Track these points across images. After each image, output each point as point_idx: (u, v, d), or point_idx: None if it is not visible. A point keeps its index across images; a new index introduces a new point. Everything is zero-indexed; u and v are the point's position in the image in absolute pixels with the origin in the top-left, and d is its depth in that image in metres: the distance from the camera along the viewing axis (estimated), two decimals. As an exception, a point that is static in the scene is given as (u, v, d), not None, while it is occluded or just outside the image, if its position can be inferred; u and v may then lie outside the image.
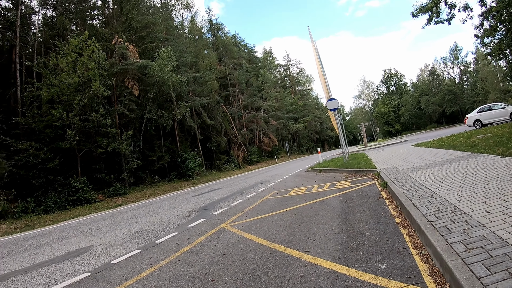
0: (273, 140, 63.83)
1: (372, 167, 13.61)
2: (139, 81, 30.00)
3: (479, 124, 27.39)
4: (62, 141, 22.54)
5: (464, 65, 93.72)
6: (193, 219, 10.00)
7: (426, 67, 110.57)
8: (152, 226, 10.11)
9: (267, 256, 5.23)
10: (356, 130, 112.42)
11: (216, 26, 63.41)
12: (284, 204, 9.91)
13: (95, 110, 24.70)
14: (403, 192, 7.01)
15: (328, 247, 5.13)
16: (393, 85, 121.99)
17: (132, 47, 29.35)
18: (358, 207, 7.53)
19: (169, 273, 5.27)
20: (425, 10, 18.55)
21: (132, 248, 7.52)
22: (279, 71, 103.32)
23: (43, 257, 8.20)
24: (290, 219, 7.61)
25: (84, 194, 22.70)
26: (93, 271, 6.16)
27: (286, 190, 13.19)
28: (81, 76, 23.27)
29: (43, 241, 11.02)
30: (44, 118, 22.52)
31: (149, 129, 31.39)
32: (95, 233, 10.87)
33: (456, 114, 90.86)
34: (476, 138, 15.22)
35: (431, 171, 9.06)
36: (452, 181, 7.00)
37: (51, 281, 5.93)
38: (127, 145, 26.31)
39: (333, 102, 18.24)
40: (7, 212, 19.18)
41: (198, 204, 13.86)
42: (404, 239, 4.82)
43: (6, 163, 20.15)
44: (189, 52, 39.85)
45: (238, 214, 9.61)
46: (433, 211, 5.14)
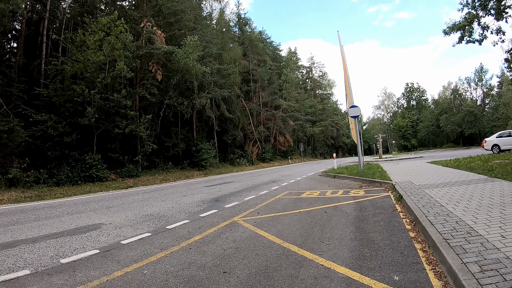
0: (289, 140, 63.65)
1: (387, 179, 13.56)
2: (163, 66, 30.05)
3: (497, 149, 27.19)
4: (81, 117, 22.69)
5: (488, 88, 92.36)
6: (204, 209, 9.98)
7: (449, 85, 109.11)
8: (163, 211, 10.11)
9: (280, 255, 5.16)
10: (371, 140, 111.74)
11: (244, 20, 63.40)
12: (297, 205, 9.85)
13: (117, 90, 24.82)
14: (418, 208, 6.99)
15: (342, 253, 5.06)
16: (414, 100, 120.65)
17: (159, 32, 29.40)
18: (372, 217, 7.47)
19: (180, 260, 5.21)
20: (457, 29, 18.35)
21: (142, 230, 7.50)
22: (301, 72, 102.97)
23: (52, 229, 8.24)
24: (303, 221, 7.55)
25: (97, 171, 22.86)
26: (102, 249, 6.14)
27: (299, 192, 13.13)
28: (106, 55, 23.41)
29: (53, 213, 11.10)
30: (66, 93, 22.69)
31: (168, 115, 31.51)
32: (105, 211, 10.92)
33: (474, 136, 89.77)
34: (494, 163, 15.09)
35: (447, 190, 9.03)
36: (468, 203, 6.98)
37: (59, 254, 5.91)
38: (144, 128, 26.39)
39: (355, 109, 18.14)
40: (19, 180, 19.40)
41: (210, 195, 13.85)
42: (418, 253, 4.76)
43: (24, 132, 20.36)
44: (215, 43, 39.80)
45: (251, 209, 9.55)
46: (449, 230, 5.13)
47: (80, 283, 4.41)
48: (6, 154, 20.23)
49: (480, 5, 18.10)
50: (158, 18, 31.62)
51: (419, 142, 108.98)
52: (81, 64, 22.67)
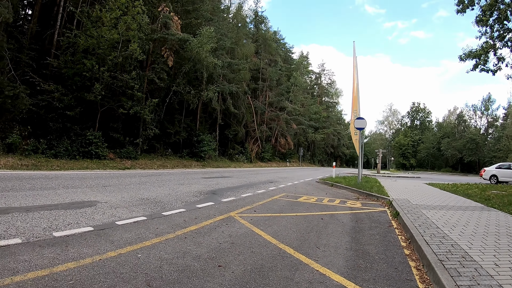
0: (290, 143, 63.68)
1: (384, 194, 13.61)
2: (176, 53, 29.92)
3: (494, 179, 27.48)
4: (88, 93, 22.52)
5: (493, 118, 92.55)
6: (201, 200, 9.96)
7: (455, 109, 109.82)
8: (160, 197, 10.07)
9: (276, 255, 5.13)
10: (370, 154, 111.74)
11: (261, 18, 63.49)
12: (294, 208, 9.85)
13: (126, 70, 24.73)
14: (415, 226, 7.11)
15: (337, 261, 5.06)
16: (418, 120, 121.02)
17: (176, 19, 29.28)
18: (368, 229, 7.48)
19: (175, 248, 5.17)
20: (473, 56, 18.38)
21: (138, 214, 7.46)
22: (310, 77, 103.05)
23: (46, 200, 8.18)
24: (300, 225, 7.55)
25: (96, 148, 22.72)
26: (96, 227, 6.09)
27: (296, 195, 13.15)
28: (120, 34, 23.27)
29: (49, 185, 11.04)
30: (76, 66, 22.48)
31: (173, 102, 31.44)
32: (101, 189, 10.86)
33: (473, 164, 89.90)
34: (491, 193, 15.36)
35: (444, 213, 9.19)
36: (464, 228, 7.13)
37: (52, 226, 5.86)
38: (149, 111, 26.30)
39: (361, 121, 18.09)
40: (17, 147, 19.28)
41: (207, 187, 13.83)
42: (412, 271, 4.79)
43: (28, 100, 20.27)
44: (229, 37, 39.73)
45: (248, 206, 9.54)
46: (444, 252, 5.25)
47: (72, 259, 4.35)
48: (8, 120, 20.18)
49: (498, 36, 18.12)
50: (176, 4, 31.54)
51: (418, 163, 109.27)
52: (95, 40, 22.52)
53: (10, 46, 20.90)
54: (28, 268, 3.94)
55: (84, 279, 3.74)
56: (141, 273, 4.04)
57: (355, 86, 19.94)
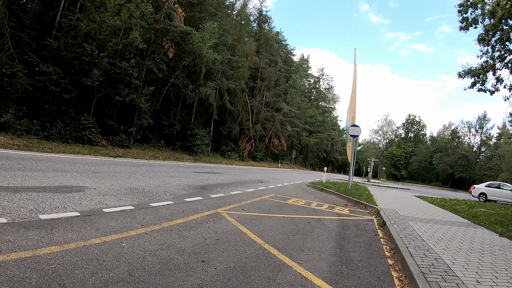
0: (283, 144, 63.64)
1: (373, 203, 13.69)
2: (177, 45, 29.84)
3: (483, 197, 27.80)
4: (85, 78, 22.36)
5: (487, 136, 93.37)
6: (190, 194, 9.96)
7: (449, 125, 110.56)
8: (149, 188, 10.05)
9: (260, 255, 5.16)
10: (362, 162, 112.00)
11: (264, 18, 63.35)
12: (282, 209, 9.88)
13: (126, 58, 24.59)
14: (400, 237, 7.16)
15: (320, 265, 5.10)
16: (412, 132, 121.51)
17: (180, 11, 29.21)
18: (354, 237, 7.52)
19: (160, 240, 5.17)
20: (473, 75, 18.44)
21: (125, 202, 7.45)
22: (309, 80, 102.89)
23: (35, 182, 8.15)
24: (286, 226, 7.58)
25: (89, 134, 22.59)
26: (83, 212, 6.08)
27: (285, 197, 13.18)
28: (123, 22, 23.19)
29: (39, 166, 10.98)
30: (76, 50, 22.33)
31: (170, 94, 31.30)
32: (91, 175, 10.82)
33: (463, 181, 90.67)
34: (479, 210, 15.54)
35: (430, 226, 9.30)
36: (449, 243, 7.20)
37: (39, 209, 5.84)
38: (145, 100, 26.20)
39: (356, 129, 18.15)
40: (10, 126, 19.13)
41: (197, 181, 13.82)
42: (394, 281, 4.85)
43: (25, 79, 20.13)
44: (231, 34, 39.63)
45: (236, 204, 9.55)
46: (427, 265, 5.31)
47: (56, 242, 4.36)
48: (3, 98, 20.02)
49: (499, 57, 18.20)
50: (181, -5, 31.46)
51: (409, 174, 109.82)
52: (97, 24, 22.37)
53: (11, 24, 20.66)
54: (11, 248, 3.94)
55: (67, 263, 3.75)
56: (124, 262, 4.05)
57: (354, 94, 19.98)
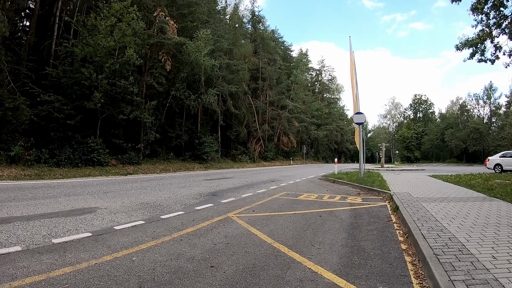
0: (292, 141, 63.65)
1: (386, 188, 13.53)
2: (173, 57, 30.06)
3: (499, 168, 27.13)
4: (87, 101, 22.67)
5: (496, 106, 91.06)
6: (201, 202, 10.02)
7: (457, 100, 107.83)
8: (160, 201, 10.15)
9: (269, 254, 5.17)
10: (375, 149, 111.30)
11: (258, 18, 63.43)
12: (293, 206, 9.88)
13: (124, 76, 24.81)
14: (413, 220, 6.98)
15: (331, 258, 5.05)
16: (421, 112, 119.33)
17: (172, 23, 29.38)
18: (366, 225, 7.45)
19: (170, 250, 5.24)
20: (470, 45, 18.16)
21: (136, 218, 7.55)
22: (311, 74, 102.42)
23: (47, 209, 8.28)
24: (297, 223, 7.57)
25: (98, 155, 22.88)
26: (94, 232, 6.18)
27: (297, 193, 13.16)
28: (116, 41, 23.41)
29: (50, 193, 11.14)
30: (74, 75, 22.66)
31: (173, 106, 31.54)
32: (102, 196, 10.96)
33: (477, 154, 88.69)
34: (494, 182, 15.07)
35: (444, 205, 9.02)
36: (464, 220, 6.96)
37: (52, 234, 5.96)
38: (149, 114, 26.41)
39: (360, 116, 18.09)
40: (20, 158, 19.43)
41: (208, 188, 13.91)
42: (407, 266, 4.72)
43: (29, 110, 20.39)
44: (226, 38, 39.70)
45: (247, 206, 9.58)
46: (441, 245, 5.09)
47: (69, 264, 4.44)
48: (9, 131, 20.32)
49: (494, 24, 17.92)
50: (171, 8, 31.65)
51: (422, 155, 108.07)
52: (91, 48, 22.70)
53: (8, 58, 21.08)
54: (26, 273, 4.05)
55: (79, 282, 3.84)
56: (134, 276, 4.12)
57: (353, 81, 19.89)
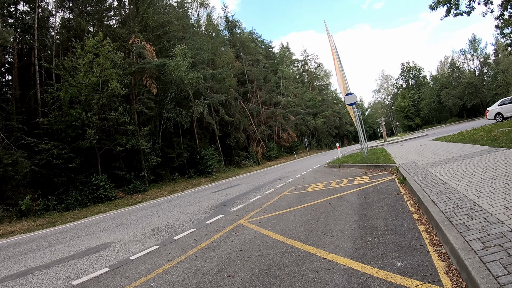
0: (292, 135, 63.52)
1: (391, 162, 13.48)
2: (157, 79, 30.15)
3: (500, 117, 26.36)
4: (83, 141, 22.81)
5: (484, 57, 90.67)
6: (211, 215, 10.03)
7: (445, 59, 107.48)
8: (171, 222, 10.17)
9: (283, 252, 5.19)
10: (375, 125, 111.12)
11: (233, 23, 63.25)
12: (302, 200, 9.85)
13: (113, 108, 24.89)
14: (421, 188, 6.88)
15: (345, 244, 5.06)
16: (412, 79, 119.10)
17: (149, 46, 29.46)
18: (376, 203, 7.43)
19: (186, 269, 5.28)
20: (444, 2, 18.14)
21: (150, 244, 7.57)
22: (297, 66, 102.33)
23: (63, 253, 8.31)
24: (307, 215, 7.57)
25: (104, 191, 22.97)
26: (112, 266, 6.23)
27: (305, 186, 13.13)
28: (98, 76, 23.52)
29: (64, 238, 11.17)
30: (65, 118, 22.82)
31: (168, 127, 31.60)
32: (115, 229, 10.99)
33: (476, 108, 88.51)
34: (497, 132, 14.91)
35: (450, 166, 8.87)
36: (471, 177, 6.82)
37: (71, 276, 6.01)
38: (145, 141, 26.51)
39: (351, 96, 18.04)
40: (29, 210, 19.53)
41: (216, 200, 13.91)
42: (422, 236, 4.71)
43: (28, 162, 20.47)
44: (205, 49, 39.36)
45: (256, 210, 9.59)
46: (452, 207, 5.00)
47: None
48: (14, 186, 20.39)
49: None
50: (146, 32, 31.68)
51: (423, 120, 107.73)
52: (75, 88, 22.84)
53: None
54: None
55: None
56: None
57: (337, 65, 19.87)
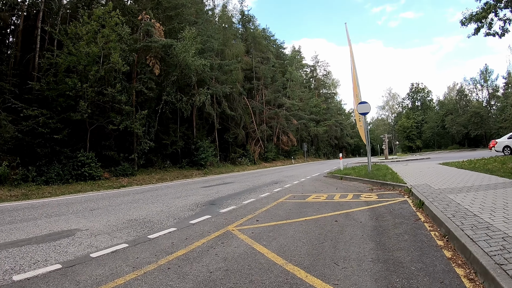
0: (292, 139, 62.67)
1: (400, 181, 12.39)
2: (162, 60, 28.84)
3: (508, 150, 25.97)
4: (74, 112, 21.57)
5: (493, 89, 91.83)
6: (197, 214, 8.81)
7: (454, 85, 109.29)
8: (150, 215, 8.98)
9: (282, 283, 3.90)
10: (375, 141, 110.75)
11: (247, 17, 62.47)
12: (302, 211, 8.64)
13: (111, 84, 23.58)
14: (448, 218, 5.85)
15: (364, 282, 3.79)
16: (419, 100, 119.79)
17: (158, 25, 28.17)
18: (393, 228, 6.24)
19: (152, 285, 4.03)
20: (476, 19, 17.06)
21: (120, 240, 6.39)
22: (305, 71, 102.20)
23: (21, 234, 7.21)
24: (310, 232, 6.32)
25: (89, 169, 21.70)
26: (66, 263, 5.05)
27: (304, 195, 11.91)
28: (101, 48, 22.29)
29: (31, 215, 10.02)
30: (59, 87, 21.57)
31: (166, 112, 30.24)
32: (87, 214, 9.79)
33: (479, 138, 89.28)
34: None
35: (473, 195, 7.92)
36: (506, 211, 5.90)
37: (15, 268, 4.87)
38: (140, 125, 25.24)
39: (365, 106, 16.76)
40: (6, 178, 18.29)
41: (206, 197, 12.69)
42: (464, 284, 3.53)
43: (11, 127, 19.32)
44: (216, 38, 38.41)
45: (249, 216, 8.35)
46: (498, 250, 3.92)
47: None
48: (-6, 151, 19.20)
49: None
50: (157, 11, 30.50)
51: (424, 143, 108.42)
52: (74, 57, 21.60)
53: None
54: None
55: None
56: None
57: (353, 70, 18.68)
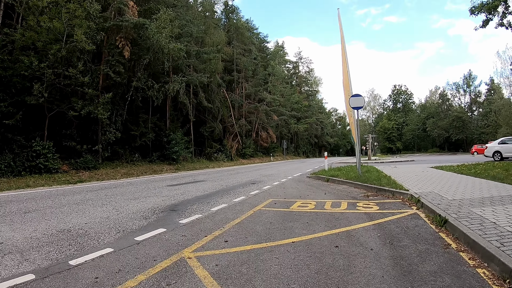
0: (272, 136, 61.01)
1: (399, 187, 10.52)
2: (133, 42, 26.21)
3: (498, 156, 25.69)
4: (29, 96, 19.11)
5: (476, 94, 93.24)
6: (149, 226, 6.70)
7: (436, 89, 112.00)
8: (91, 224, 6.88)
9: None
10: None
11: (231, 8, 60.59)
12: (287, 226, 6.51)
13: (74, 66, 21.04)
14: (496, 247, 4.10)
15: None
16: (400, 102, 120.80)
17: (132, 3, 25.61)
18: (421, 262, 4.20)
19: None
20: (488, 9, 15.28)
21: (28, 267, 4.33)
22: (288, 67, 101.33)
23: None
24: (303, 269, 4.14)
25: (45, 161, 19.20)
26: None
27: (288, 201, 9.76)
28: (65, 24, 19.83)
29: None
30: (14, 65, 19.04)
31: (136, 100, 27.72)
32: (16, 218, 7.68)
33: (460, 143, 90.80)
34: None
35: (504, 210, 6.19)
36: None
37: None
38: (104, 110, 22.68)
39: (358, 99, 14.63)
40: None
41: (168, 199, 10.51)
42: None
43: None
44: (196, 24, 36.10)
45: (216, 232, 6.13)
46: None
47: None
48: None
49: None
50: (132, -12, 27.94)
51: (404, 145, 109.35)
52: (33, 32, 19.12)
53: None
54: None
55: None
56: None
57: (344, 60, 16.71)
